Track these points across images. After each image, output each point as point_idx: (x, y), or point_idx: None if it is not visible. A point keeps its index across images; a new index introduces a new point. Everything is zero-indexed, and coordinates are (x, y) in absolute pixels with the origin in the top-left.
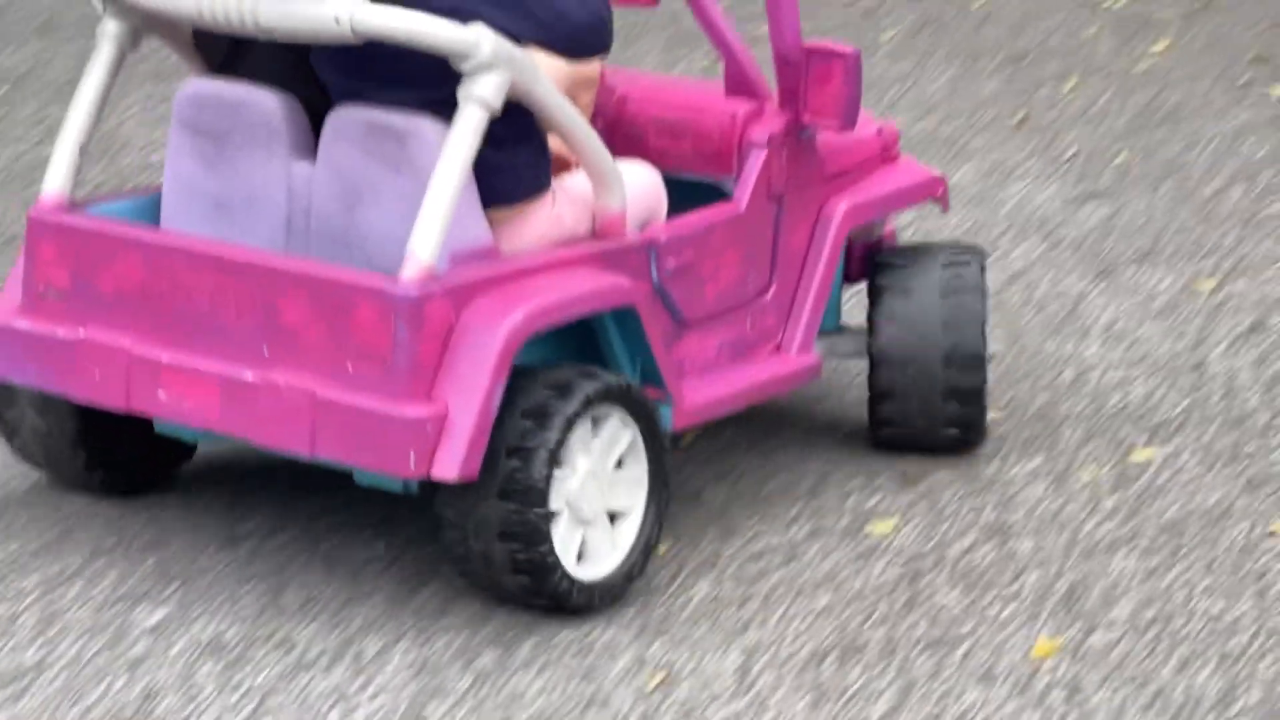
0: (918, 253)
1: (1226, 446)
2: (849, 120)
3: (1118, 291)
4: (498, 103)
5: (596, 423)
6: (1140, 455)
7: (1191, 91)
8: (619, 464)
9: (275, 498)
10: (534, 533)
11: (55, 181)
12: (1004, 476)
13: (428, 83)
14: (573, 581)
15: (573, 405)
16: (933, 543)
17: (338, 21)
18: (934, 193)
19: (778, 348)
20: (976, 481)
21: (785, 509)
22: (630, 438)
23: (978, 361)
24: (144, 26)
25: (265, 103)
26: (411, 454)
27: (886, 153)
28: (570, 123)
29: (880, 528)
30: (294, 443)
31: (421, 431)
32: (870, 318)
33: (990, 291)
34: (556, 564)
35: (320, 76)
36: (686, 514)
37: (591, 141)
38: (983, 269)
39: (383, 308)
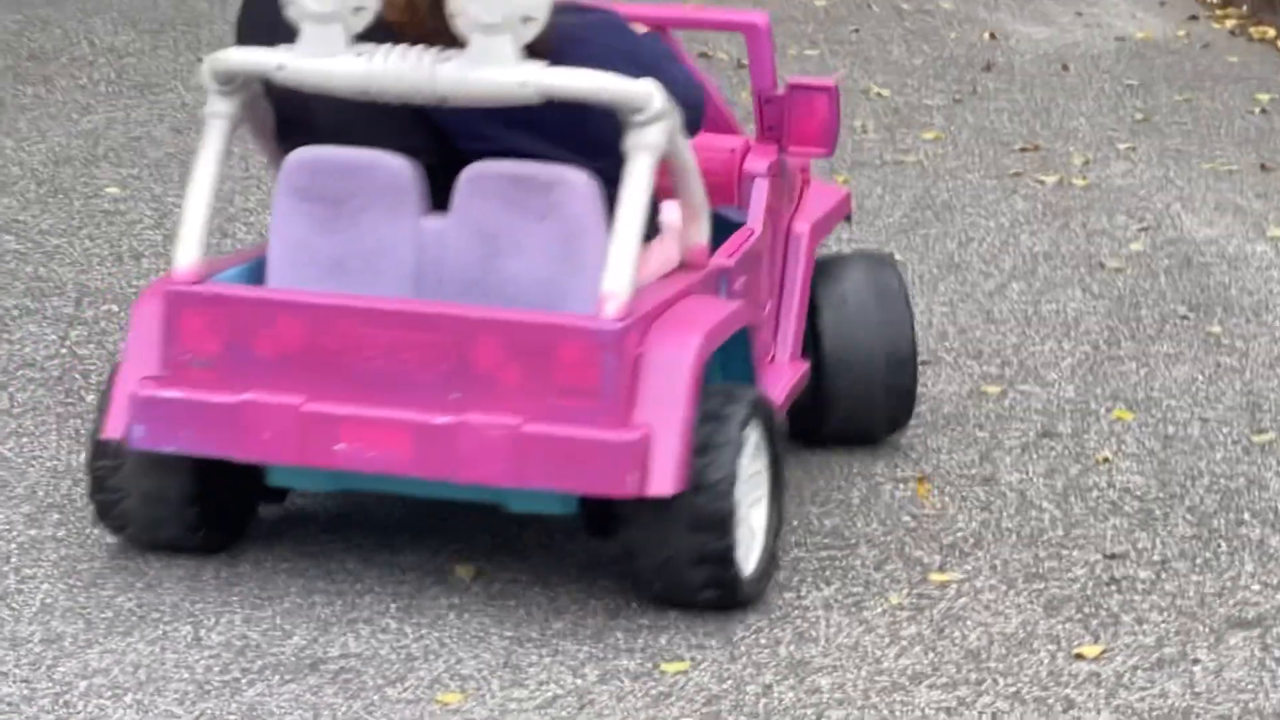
0: (838, 264)
1: (1024, 564)
2: (832, 147)
3: None
4: (664, 150)
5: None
6: (938, 577)
7: (965, 183)
8: None
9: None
10: (722, 524)
11: (188, 256)
12: (800, 604)
13: (556, 134)
14: (740, 576)
15: (742, 409)
16: (729, 681)
17: (524, 85)
18: (850, 209)
19: (772, 359)
20: (772, 611)
21: (573, 649)
22: (755, 438)
23: (912, 362)
24: (249, 105)
25: (392, 164)
26: (629, 475)
27: (806, 176)
28: (691, 171)
29: (674, 667)
30: (497, 477)
31: (637, 453)
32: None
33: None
34: (735, 557)
35: (446, 128)
36: (474, 658)
37: (700, 184)
38: (900, 274)
39: (589, 343)
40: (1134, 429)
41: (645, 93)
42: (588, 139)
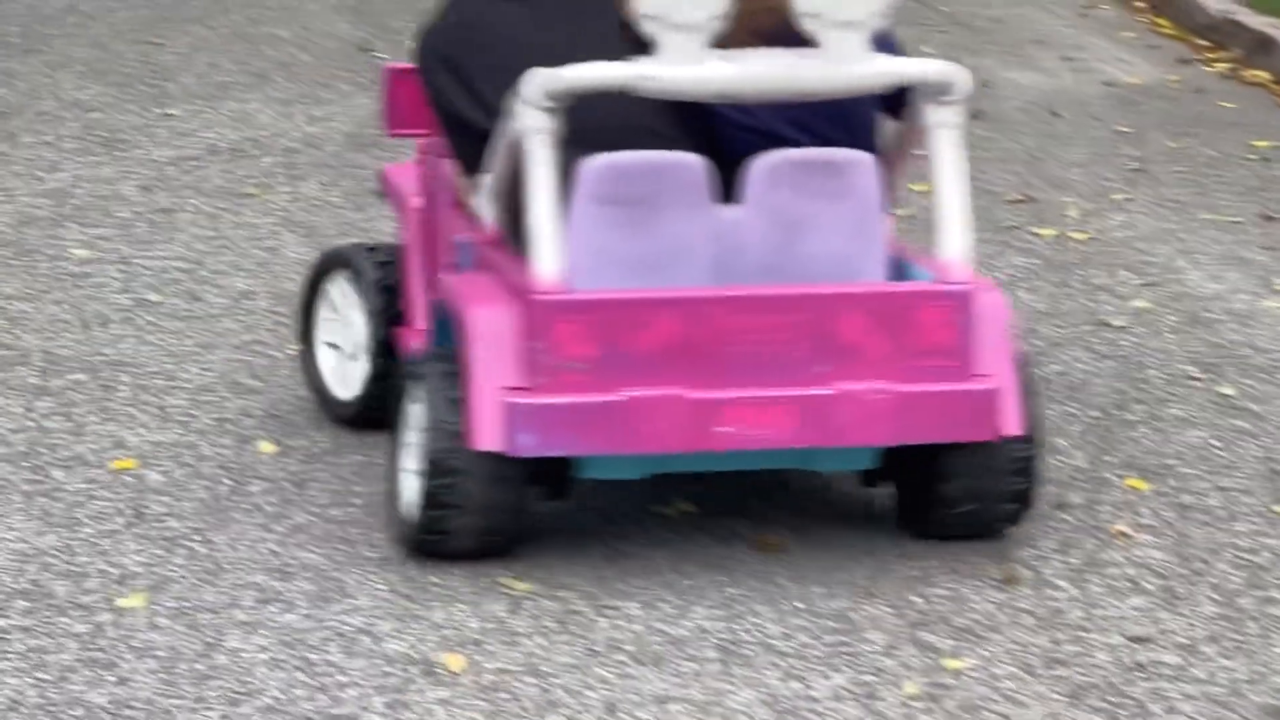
0: None
1: (1043, 649)
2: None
3: None
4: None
5: None
6: (953, 664)
7: None
8: None
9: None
10: (1028, 465)
11: (550, 264)
12: (808, 694)
13: (836, 120)
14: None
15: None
16: None
17: (880, 75)
18: None
19: None
20: (779, 703)
21: None
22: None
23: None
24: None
25: (689, 162)
26: (990, 420)
27: None
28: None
29: None
30: (879, 438)
31: (996, 400)
32: None
33: None
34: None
35: (739, 123)
36: None
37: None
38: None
39: (947, 306)
40: (1150, 499)
41: (958, 75)
42: (859, 123)
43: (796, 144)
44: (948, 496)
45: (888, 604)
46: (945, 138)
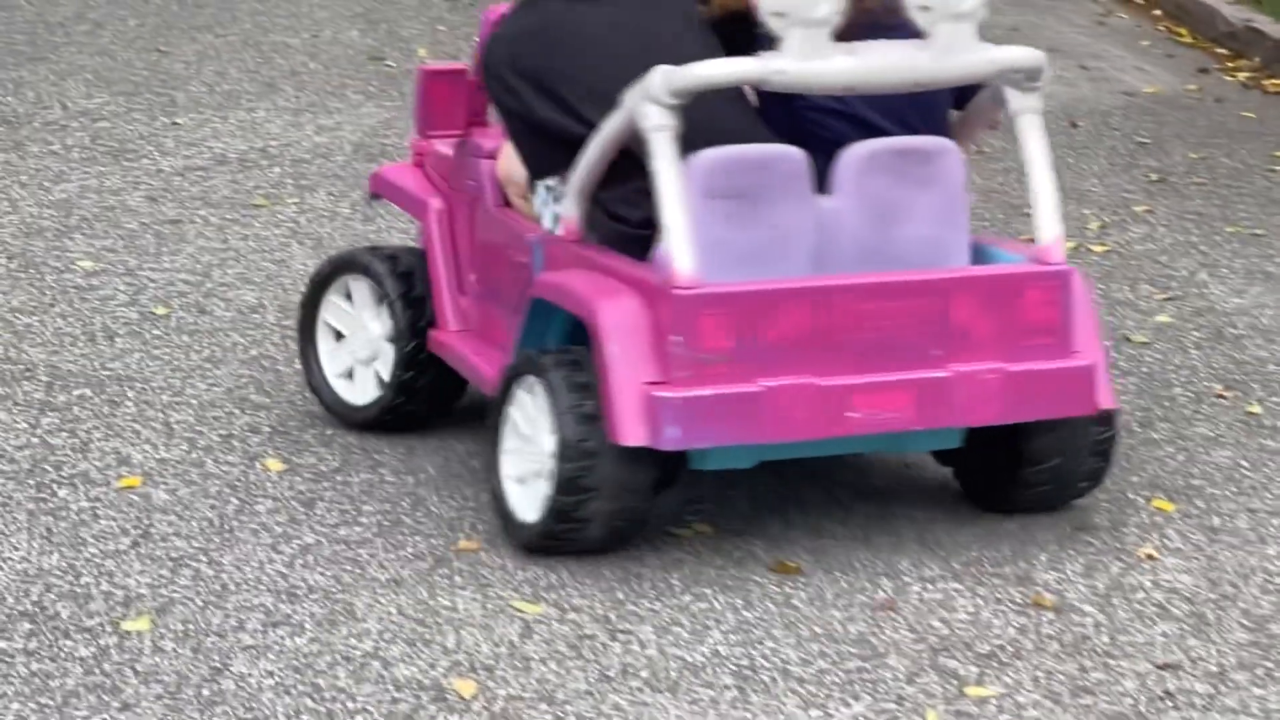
0: None
1: (1069, 676)
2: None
3: (925, 489)
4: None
5: None
6: (976, 691)
7: None
8: None
9: None
10: (1108, 446)
11: (686, 259)
12: None
13: (915, 112)
14: None
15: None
16: None
17: (990, 64)
18: None
19: None
20: None
21: None
22: None
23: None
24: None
25: (792, 154)
26: (1092, 395)
27: None
28: None
29: None
30: (993, 416)
31: (1094, 376)
32: None
33: None
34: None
35: (833, 110)
36: None
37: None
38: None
39: (1051, 286)
40: (1176, 521)
41: (1044, 59)
42: (938, 111)
43: (883, 131)
44: (1030, 476)
45: (908, 628)
46: (1032, 123)
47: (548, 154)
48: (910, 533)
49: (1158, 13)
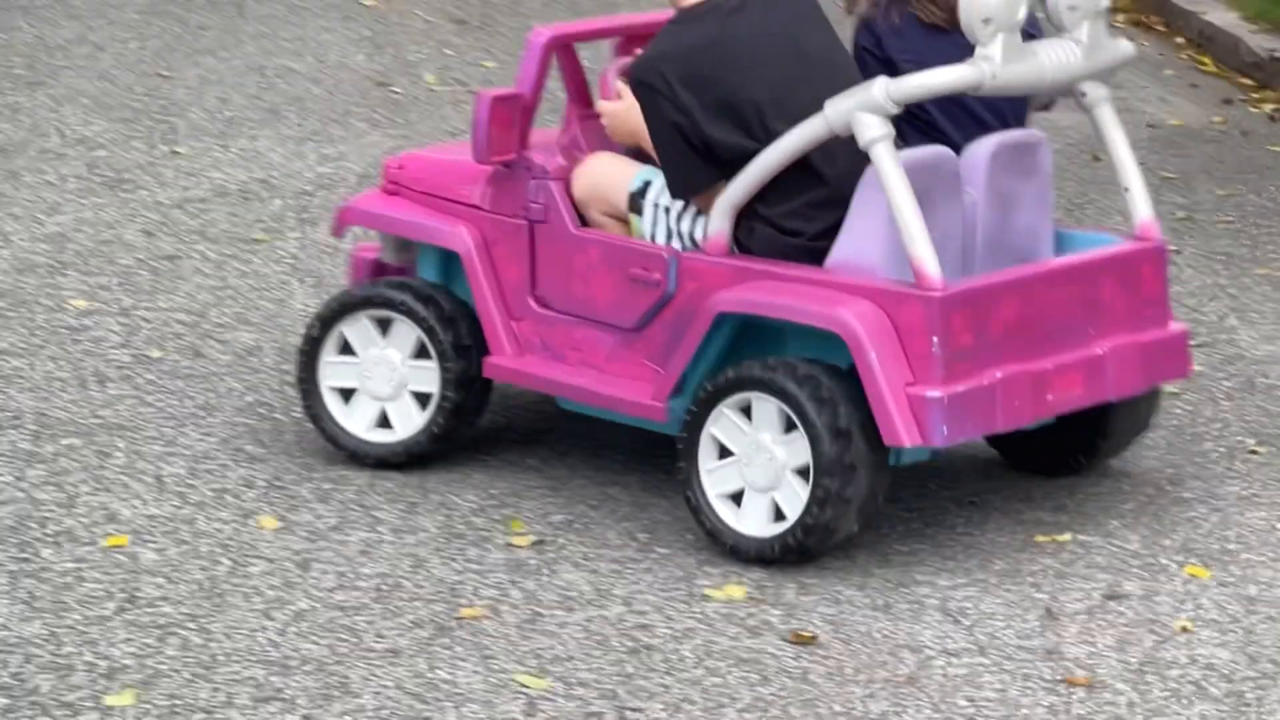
0: None
1: None
2: None
3: (947, 552)
4: None
5: None
6: None
7: None
8: None
9: None
10: (1153, 412)
11: (934, 265)
12: None
13: (1010, 101)
14: None
15: None
16: None
17: (1126, 58)
18: None
19: None
20: None
21: None
22: None
23: None
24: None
25: (948, 153)
26: (1188, 360)
27: None
28: None
29: None
30: (1134, 386)
31: (1188, 340)
32: None
33: None
34: None
35: (964, 106)
36: None
37: None
38: None
39: (1158, 260)
40: (1211, 590)
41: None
42: (1020, 102)
43: (987, 125)
44: (1104, 445)
45: (933, 708)
46: (1110, 110)
47: (700, 170)
48: (932, 600)
49: (1180, 40)
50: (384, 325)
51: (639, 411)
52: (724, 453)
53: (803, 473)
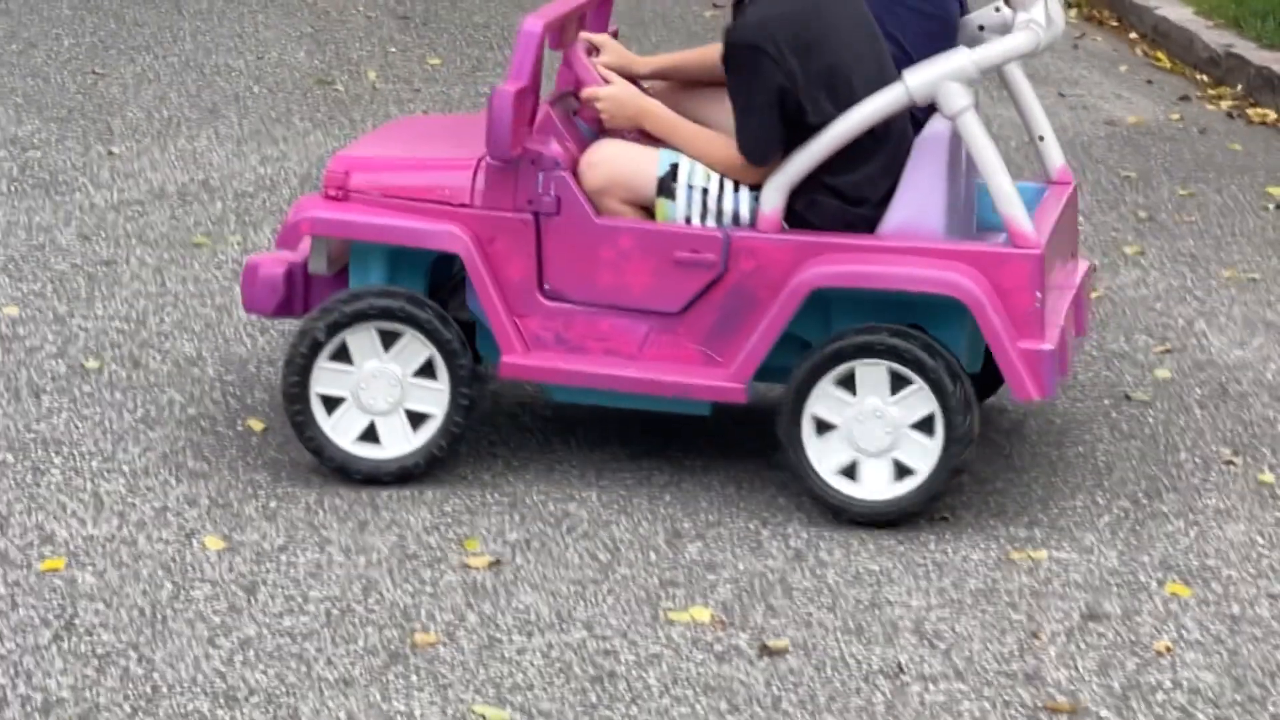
0: None
1: None
2: None
3: (919, 570)
4: None
5: None
6: None
7: None
8: None
9: None
10: None
11: (1029, 225)
12: None
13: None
14: None
15: None
16: None
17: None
18: None
19: None
20: None
21: None
22: None
23: None
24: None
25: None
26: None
27: None
28: None
29: None
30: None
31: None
32: None
33: None
34: None
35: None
36: None
37: None
38: None
39: (1076, 199)
40: (1193, 608)
41: None
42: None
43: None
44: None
45: None
46: (1019, 69)
47: (781, 139)
48: (907, 622)
49: (1134, 36)
50: (386, 338)
51: (715, 395)
52: (821, 428)
53: (919, 426)
